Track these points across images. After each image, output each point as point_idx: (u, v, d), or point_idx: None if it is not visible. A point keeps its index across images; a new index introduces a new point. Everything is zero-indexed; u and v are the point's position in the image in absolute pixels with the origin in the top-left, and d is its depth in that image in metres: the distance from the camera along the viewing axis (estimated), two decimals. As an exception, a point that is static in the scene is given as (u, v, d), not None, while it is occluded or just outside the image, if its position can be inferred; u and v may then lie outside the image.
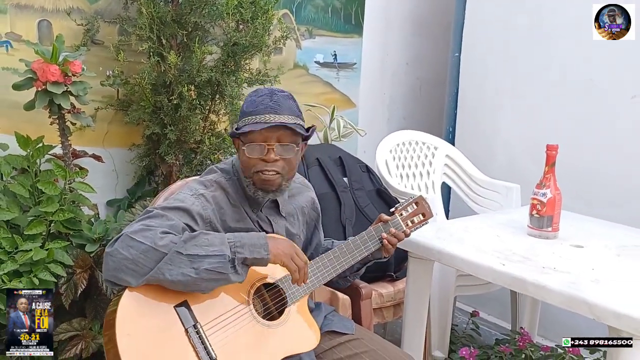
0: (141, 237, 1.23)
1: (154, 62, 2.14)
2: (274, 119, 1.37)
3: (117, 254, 1.22)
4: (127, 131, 2.38)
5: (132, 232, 1.24)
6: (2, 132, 2.06)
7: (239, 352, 1.31)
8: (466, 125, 2.92)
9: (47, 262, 1.84)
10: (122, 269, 1.22)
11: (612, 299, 1.34)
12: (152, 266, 1.22)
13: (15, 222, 1.93)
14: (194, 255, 1.23)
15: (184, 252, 1.22)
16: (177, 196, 1.40)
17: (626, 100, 2.31)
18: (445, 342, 2.29)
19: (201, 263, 1.23)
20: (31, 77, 1.90)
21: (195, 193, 1.40)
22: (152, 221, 1.29)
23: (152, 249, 1.21)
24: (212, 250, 1.24)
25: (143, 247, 1.21)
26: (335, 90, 3.10)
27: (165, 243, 1.23)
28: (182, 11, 2.20)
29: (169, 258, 1.22)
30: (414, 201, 1.63)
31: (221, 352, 1.28)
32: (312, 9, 2.95)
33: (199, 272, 1.23)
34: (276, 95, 1.41)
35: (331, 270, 1.49)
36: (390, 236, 1.54)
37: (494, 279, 1.57)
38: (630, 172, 2.31)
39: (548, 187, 1.80)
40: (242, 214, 1.45)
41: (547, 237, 1.81)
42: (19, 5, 2.11)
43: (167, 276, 1.22)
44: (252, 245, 1.29)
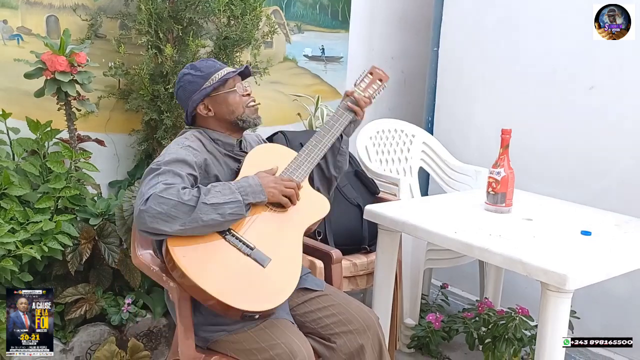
0: (167, 194, 1.45)
1: (151, 54, 2.35)
2: (231, 68, 1.77)
3: (151, 210, 1.44)
4: (127, 118, 2.58)
5: (160, 192, 1.46)
6: (15, 118, 2.25)
7: (271, 235, 1.59)
8: (443, 114, 3.13)
9: (55, 233, 2.05)
10: (158, 221, 1.45)
11: (542, 259, 1.56)
12: (181, 216, 1.45)
13: (26, 198, 2.14)
14: (215, 204, 1.48)
15: (207, 202, 1.47)
16: (168, 150, 1.63)
17: (585, 90, 2.51)
18: (416, 310, 2.51)
19: (224, 209, 1.49)
20: (41, 67, 2.11)
21: (183, 145, 1.65)
22: (165, 177, 1.51)
23: (180, 203, 1.45)
24: (228, 198, 1.51)
25: (172, 202, 1.45)
26: (323, 82, 3.31)
27: (189, 197, 1.47)
28: (177, 7, 2.40)
29: (199, 209, 1.46)
30: (369, 72, 1.91)
31: (257, 241, 1.56)
32: (301, 5, 3.15)
33: (224, 216, 1.50)
34: (209, 59, 1.80)
35: (321, 148, 1.76)
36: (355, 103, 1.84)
37: (448, 245, 1.79)
38: (589, 156, 2.52)
39: (502, 166, 2.01)
40: (218, 157, 1.72)
41: (502, 212, 2.02)
42: (29, 2, 2.32)
43: (201, 223, 1.47)
44: (253, 192, 1.57)
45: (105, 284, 2.25)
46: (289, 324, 1.58)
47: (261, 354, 1.49)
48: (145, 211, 1.44)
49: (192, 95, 1.73)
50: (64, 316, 2.13)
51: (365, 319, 1.67)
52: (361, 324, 1.66)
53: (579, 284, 1.50)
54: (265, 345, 1.50)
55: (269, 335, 1.52)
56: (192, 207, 1.46)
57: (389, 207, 2.04)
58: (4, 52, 2.26)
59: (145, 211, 1.44)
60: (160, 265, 1.65)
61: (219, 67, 1.76)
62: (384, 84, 1.93)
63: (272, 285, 1.53)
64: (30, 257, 1.96)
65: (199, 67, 1.75)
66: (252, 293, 1.50)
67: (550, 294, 1.54)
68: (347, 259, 2.25)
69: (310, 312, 1.71)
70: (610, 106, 2.44)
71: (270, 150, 1.88)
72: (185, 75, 1.77)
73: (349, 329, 1.65)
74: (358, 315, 1.67)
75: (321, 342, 1.67)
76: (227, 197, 1.51)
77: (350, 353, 1.64)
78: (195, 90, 1.73)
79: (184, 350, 1.55)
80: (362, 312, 1.69)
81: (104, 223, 2.22)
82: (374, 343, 1.66)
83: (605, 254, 1.63)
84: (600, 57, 2.45)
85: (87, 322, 2.19)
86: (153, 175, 1.53)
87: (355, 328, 1.65)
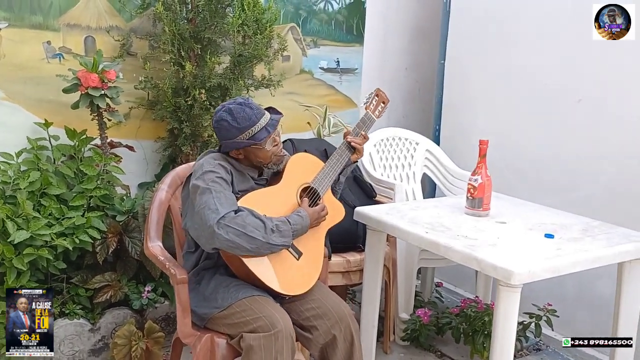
0: (232, 223, 1.71)
1: (174, 71, 2.65)
2: (267, 120, 1.90)
3: (222, 238, 1.70)
4: (154, 126, 2.89)
5: (227, 221, 1.70)
6: (56, 126, 2.59)
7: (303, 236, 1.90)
8: (449, 123, 3.32)
9: (86, 227, 2.37)
10: (227, 246, 1.72)
11: (494, 257, 1.75)
12: (246, 246, 1.72)
13: (63, 197, 2.47)
14: (273, 244, 1.77)
15: (271, 243, 1.76)
16: (206, 169, 1.84)
17: (573, 103, 2.66)
18: (410, 305, 2.71)
19: (275, 248, 1.80)
20: (77, 83, 2.44)
21: (215, 165, 1.87)
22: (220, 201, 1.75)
23: (244, 234, 1.71)
24: (285, 240, 1.80)
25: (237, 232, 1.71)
26: (338, 92, 3.54)
27: (252, 228, 1.73)
28: (198, 28, 2.69)
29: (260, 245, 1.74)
30: (375, 94, 2.24)
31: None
32: (317, 22, 3.40)
33: (278, 249, 1.81)
34: (248, 106, 1.89)
35: (338, 165, 2.06)
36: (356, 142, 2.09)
37: (419, 243, 2.00)
38: (576, 165, 2.67)
39: (479, 174, 2.20)
40: (246, 179, 1.95)
41: (480, 215, 2.21)
42: (70, 25, 2.65)
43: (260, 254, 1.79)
44: (301, 229, 1.86)
45: (130, 273, 2.56)
46: (270, 300, 1.82)
47: (247, 326, 1.74)
48: (217, 237, 1.70)
49: (226, 140, 1.89)
50: (93, 300, 2.44)
51: (338, 312, 1.89)
52: (334, 316, 1.88)
53: (524, 279, 1.69)
54: (250, 319, 1.75)
55: (252, 310, 1.76)
56: (254, 239, 1.73)
57: (375, 209, 2.26)
58: (48, 69, 2.59)
59: (217, 236, 1.70)
60: (166, 255, 1.93)
61: (255, 119, 1.86)
62: (386, 105, 2.25)
63: (302, 275, 1.90)
64: (64, 247, 2.28)
65: (235, 117, 1.86)
66: (289, 281, 1.85)
67: (502, 288, 1.73)
68: (341, 256, 2.48)
69: (294, 304, 1.93)
70: (595, 118, 2.58)
71: (304, 159, 2.12)
72: (222, 121, 1.87)
73: (324, 322, 1.87)
74: (333, 309, 1.89)
75: (300, 332, 1.90)
76: (284, 239, 1.80)
77: (325, 343, 1.87)
78: (229, 138, 1.88)
79: (182, 328, 1.83)
80: (336, 305, 1.91)
81: (129, 219, 2.52)
82: (346, 334, 1.87)
83: (556, 254, 1.80)
84: (587, 72, 2.60)
85: (112, 306, 2.50)
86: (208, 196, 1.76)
87: (329, 320, 1.87)
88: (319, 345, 1.87)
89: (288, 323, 1.75)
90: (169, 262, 1.89)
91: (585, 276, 2.60)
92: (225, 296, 1.82)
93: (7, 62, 2.51)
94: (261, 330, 1.71)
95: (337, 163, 2.07)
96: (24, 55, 2.54)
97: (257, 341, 1.69)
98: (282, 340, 1.70)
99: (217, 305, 1.82)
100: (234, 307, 1.79)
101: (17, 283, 2.18)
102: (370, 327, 2.32)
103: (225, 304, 1.81)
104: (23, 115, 2.56)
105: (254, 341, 1.69)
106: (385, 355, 2.65)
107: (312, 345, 1.88)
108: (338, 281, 2.45)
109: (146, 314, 2.52)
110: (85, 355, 2.44)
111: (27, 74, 2.56)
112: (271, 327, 1.70)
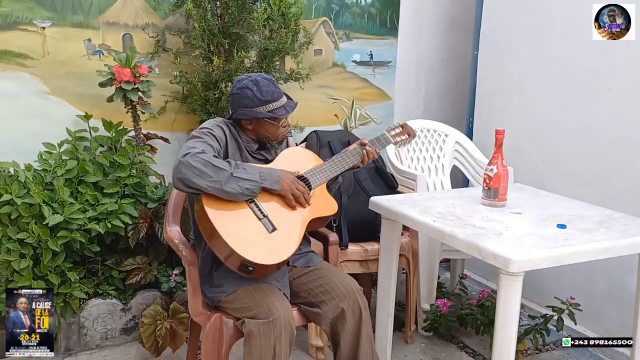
0: (203, 155, 1.79)
1: (203, 65, 2.77)
2: (285, 101, 2.02)
3: (187, 163, 1.77)
4: (188, 119, 3.02)
5: (197, 152, 1.80)
6: (95, 119, 2.76)
7: (282, 213, 1.91)
8: (482, 115, 3.28)
9: (119, 213, 2.52)
10: (191, 173, 1.77)
11: (495, 246, 1.74)
12: (210, 175, 1.77)
13: (100, 185, 2.63)
14: (238, 177, 1.81)
15: (233, 174, 1.80)
16: (203, 126, 2.00)
17: (604, 92, 2.58)
18: (432, 296, 2.71)
19: (243, 183, 1.82)
20: (111, 77, 2.59)
21: (214, 125, 2.01)
22: (201, 144, 1.85)
23: (211, 164, 1.78)
24: (250, 177, 1.83)
25: (205, 162, 1.78)
26: (371, 85, 3.57)
27: (220, 163, 1.80)
28: (227, 24, 2.79)
29: (225, 176, 1.78)
30: (401, 125, 2.27)
31: (270, 213, 1.88)
32: (350, 15, 3.44)
33: (242, 189, 1.81)
34: (272, 82, 2.00)
35: (340, 166, 2.08)
36: (367, 153, 2.13)
37: (427, 231, 2.02)
38: (607, 156, 2.59)
39: (495, 164, 2.17)
40: (241, 149, 2.03)
41: (495, 206, 2.19)
42: (109, 23, 2.81)
43: (223, 187, 1.78)
44: (271, 180, 1.88)
45: (161, 257, 2.70)
46: (275, 289, 1.90)
47: (249, 311, 1.82)
48: (183, 163, 1.78)
49: (244, 108, 1.98)
50: (125, 281, 2.59)
51: (346, 287, 1.95)
52: (342, 291, 1.94)
53: (524, 267, 1.68)
54: (251, 305, 1.83)
55: (254, 297, 1.84)
56: (220, 169, 1.78)
57: (388, 198, 2.28)
58: (88, 65, 2.77)
59: (182, 163, 1.78)
60: (181, 239, 2.04)
61: (277, 96, 1.99)
62: (410, 139, 2.27)
63: (270, 248, 1.84)
64: (97, 231, 2.43)
65: (261, 88, 1.96)
66: (253, 248, 1.80)
67: (502, 276, 1.73)
68: (360, 245, 2.52)
69: (304, 284, 2.01)
70: (627, 108, 2.49)
71: (302, 153, 2.16)
72: (246, 89, 1.97)
73: (332, 296, 1.94)
74: (341, 285, 1.95)
75: (310, 309, 1.97)
76: (249, 175, 1.84)
77: (334, 317, 1.93)
78: (248, 106, 1.97)
79: (192, 307, 1.93)
80: (344, 281, 1.97)
81: (159, 207, 2.65)
82: (354, 308, 1.92)
83: (561, 244, 1.77)
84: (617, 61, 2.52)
85: (143, 288, 2.64)
86: (191, 140, 1.90)
87: (337, 295, 1.93)
88: (328, 319, 1.93)
89: (287, 312, 1.81)
90: (182, 244, 2.00)
91: (615, 272, 2.55)
92: (232, 282, 1.91)
93: (51, 59, 2.69)
94: (260, 316, 1.78)
95: (339, 164, 2.09)
96: (66, 52, 2.72)
97: (257, 327, 1.76)
98: (280, 327, 1.76)
99: (224, 290, 1.92)
100: (239, 293, 1.89)
101: (53, 263, 2.36)
102: (385, 316, 2.35)
103: (231, 289, 1.90)
104: (66, 108, 2.74)
105: (254, 327, 1.77)
106: (406, 345, 2.67)
107: (322, 319, 1.94)
108: (356, 269, 2.49)
109: (175, 297, 2.65)
110: (117, 333, 2.60)
111: (69, 69, 2.73)
112: (269, 314, 1.77)
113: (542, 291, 2.84)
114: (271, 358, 1.75)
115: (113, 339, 2.60)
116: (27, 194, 2.35)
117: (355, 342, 1.93)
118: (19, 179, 2.38)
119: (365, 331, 1.94)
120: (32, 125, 2.66)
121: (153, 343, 2.38)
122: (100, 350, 2.56)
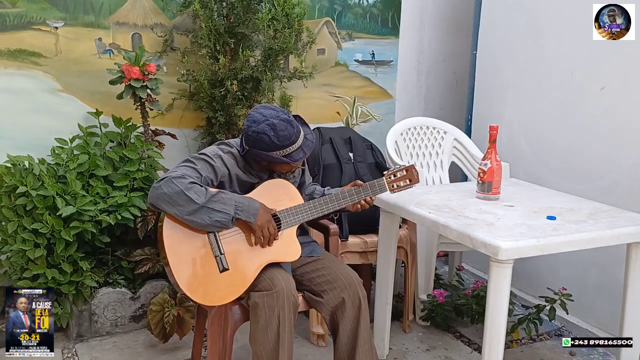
0: (178, 182, 1.87)
1: (209, 64, 2.87)
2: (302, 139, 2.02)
3: (160, 189, 1.88)
4: (195, 116, 3.12)
5: (173, 177, 1.89)
6: (105, 115, 2.86)
7: (241, 251, 1.95)
8: (480, 113, 3.37)
9: (128, 206, 2.63)
10: (162, 199, 1.88)
11: (486, 235, 1.83)
12: (181, 204, 1.86)
13: (110, 178, 2.74)
14: (212, 209, 1.88)
15: (207, 206, 1.87)
16: (205, 151, 2.06)
17: (596, 91, 2.67)
18: (430, 287, 2.81)
19: (214, 215, 1.87)
20: (121, 75, 2.70)
21: (216, 154, 2.05)
22: (186, 170, 1.93)
23: (183, 194, 1.86)
24: (224, 209, 1.89)
25: (177, 189, 1.86)
26: (373, 84, 3.66)
27: (195, 194, 1.86)
28: (232, 24, 2.90)
29: (196, 206, 1.85)
30: (404, 168, 2.11)
31: (227, 248, 1.93)
32: (352, 16, 3.54)
33: (212, 221, 1.87)
34: (290, 123, 1.98)
35: (317, 212, 2.08)
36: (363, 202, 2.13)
37: (422, 222, 2.11)
38: (600, 153, 2.67)
39: (489, 159, 2.27)
40: (252, 177, 2.10)
41: (489, 199, 2.28)
42: (118, 23, 2.92)
43: (192, 217, 1.87)
44: (247, 213, 1.92)
45: (168, 249, 2.79)
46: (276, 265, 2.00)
47: (253, 286, 1.94)
48: (156, 188, 1.88)
49: (259, 151, 1.99)
50: (134, 271, 2.70)
51: (347, 278, 2.04)
52: (343, 282, 2.03)
53: (512, 255, 1.77)
54: (255, 281, 1.95)
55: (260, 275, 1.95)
56: (191, 199, 1.83)
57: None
58: (99, 63, 2.88)
59: (155, 188, 1.89)
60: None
61: (294, 139, 1.98)
62: (410, 185, 2.10)
63: (215, 288, 1.90)
64: (107, 223, 2.53)
65: (278, 133, 1.94)
66: (197, 284, 1.89)
67: (492, 264, 1.82)
68: (360, 237, 2.62)
69: (306, 273, 2.11)
70: (619, 106, 2.58)
71: (283, 187, 2.10)
72: (263, 134, 1.94)
73: (334, 286, 2.03)
74: (342, 276, 2.05)
75: (312, 297, 2.07)
76: (224, 207, 1.87)
77: (335, 306, 2.03)
78: (265, 150, 1.98)
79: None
80: (346, 272, 2.07)
81: (167, 200, 2.75)
82: (354, 299, 2.02)
83: (549, 234, 1.86)
84: (610, 60, 2.60)
85: (151, 277, 2.75)
86: (181, 164, 1.98)
87: (339, 285, 2.03)
88: (329, 308, 2.03)
89: (289, 284, 1.92)
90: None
91: (607, 264, 2.63)
92: None
93: (63, 57, 2.80)
94: (264, 289, 1.90)
95: (319, 209, 2.07)
96: (78, 51, 2.83)
97: (261, 299, 1.88)
98: (284, 298, 1.88)
99: None
100: None
101: (66, 253, 2.47)
102: (383, 304, 2.45)
103: None
104: (77, 105, 2.85)
105: (259, 299, 1.89)
106: (404, 334, 2.76)
107: (323, 308, 2.04)
108: (355, 260, 2.59)
109: (181, 287, 2.75)
110: (126, 320, 2.71)
111: (81, 68, 2.84)
112: (272, 286, 1.89)
113: (536, 283, 2.93)
114: (276, 326, 1.87)
115: (122, 326, 2.71)
116: (42, 186, 2.46)
117: (354, 331, 2.02)
118: (34, 172, 2.49)
119: (364, 320, 2.03)
120: (46, 121, 2.78)
121: (161, 330, 2.48)
122: (111, 336, 2.67)
